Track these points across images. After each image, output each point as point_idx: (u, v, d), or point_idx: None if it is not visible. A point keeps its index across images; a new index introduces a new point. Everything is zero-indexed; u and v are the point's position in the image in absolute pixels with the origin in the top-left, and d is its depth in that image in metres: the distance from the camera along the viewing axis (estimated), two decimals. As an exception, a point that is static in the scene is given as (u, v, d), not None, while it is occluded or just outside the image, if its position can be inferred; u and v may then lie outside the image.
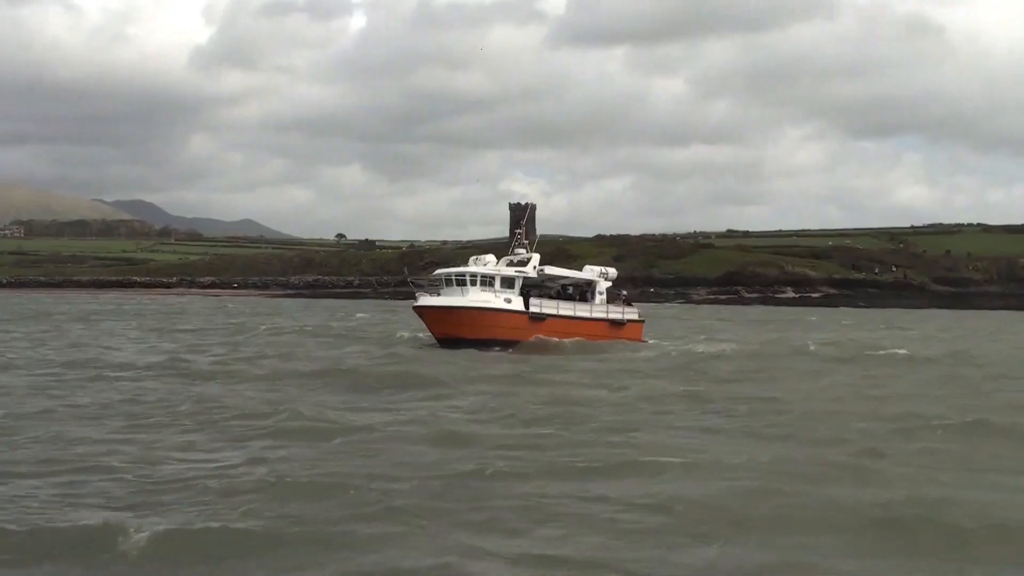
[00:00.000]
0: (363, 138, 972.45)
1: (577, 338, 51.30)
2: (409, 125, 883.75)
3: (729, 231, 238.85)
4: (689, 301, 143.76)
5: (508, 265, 54.45)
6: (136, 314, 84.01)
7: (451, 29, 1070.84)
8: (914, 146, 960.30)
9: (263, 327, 63.21)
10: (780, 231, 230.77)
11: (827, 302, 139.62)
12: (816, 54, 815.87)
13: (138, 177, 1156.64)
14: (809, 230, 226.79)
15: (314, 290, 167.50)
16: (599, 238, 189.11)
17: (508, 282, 52.18)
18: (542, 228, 67.23)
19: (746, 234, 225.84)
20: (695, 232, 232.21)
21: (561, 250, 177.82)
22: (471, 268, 52.77)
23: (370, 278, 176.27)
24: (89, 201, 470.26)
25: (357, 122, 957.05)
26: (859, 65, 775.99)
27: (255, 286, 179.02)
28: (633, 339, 55.03)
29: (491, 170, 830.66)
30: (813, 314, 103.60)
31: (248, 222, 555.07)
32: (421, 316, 51.50)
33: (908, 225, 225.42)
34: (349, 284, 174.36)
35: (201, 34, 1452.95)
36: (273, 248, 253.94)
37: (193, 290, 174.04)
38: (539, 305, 52.62)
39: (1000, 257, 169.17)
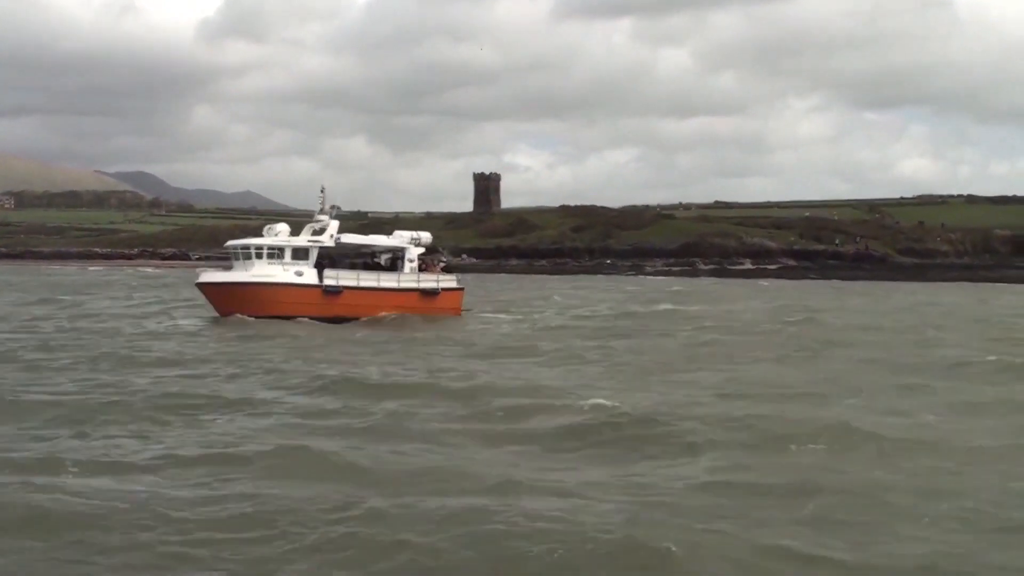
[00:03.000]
0: (368, 110, 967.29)
1: (382, 312, 48.65)
2: (414, 97, 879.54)
3: (717, 202, 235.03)
4: (642, 272, 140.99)
5: (313, 234, 52.13)
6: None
7: (459, 1, 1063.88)
8: (919, 118, 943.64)
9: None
10: (767, 202, 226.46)
11: (782, 273, 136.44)
12: (823, 25, 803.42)
13: (142, 149, 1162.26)
14: (798, 201, 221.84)
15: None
16: (563, 208, 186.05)
17: (301, 253, 49.19)
18: (546, 200, 65.35)
19: (727, 205, 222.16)
20: (679, 204, 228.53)
21: (522, 221, 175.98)
22: (257, 240, 49.97)
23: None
24: (91, 172, 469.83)
25: (362, 94, 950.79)
26: (866, 37, 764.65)
27: (216, 257, 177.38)
28: (448, 309, 52.18)
29: (495, 142, 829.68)
30: (703, 285, 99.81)
31: (249, 194, 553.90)
32: (204, 294, 49.19)
33: (898, 196, 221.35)
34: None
35: (209, 6, 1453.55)
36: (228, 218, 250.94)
37: (154, 262, 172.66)
38: (335, 277, 49.63)
39: (975, 229, 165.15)
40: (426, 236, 55.01)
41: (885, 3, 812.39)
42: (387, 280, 51.18)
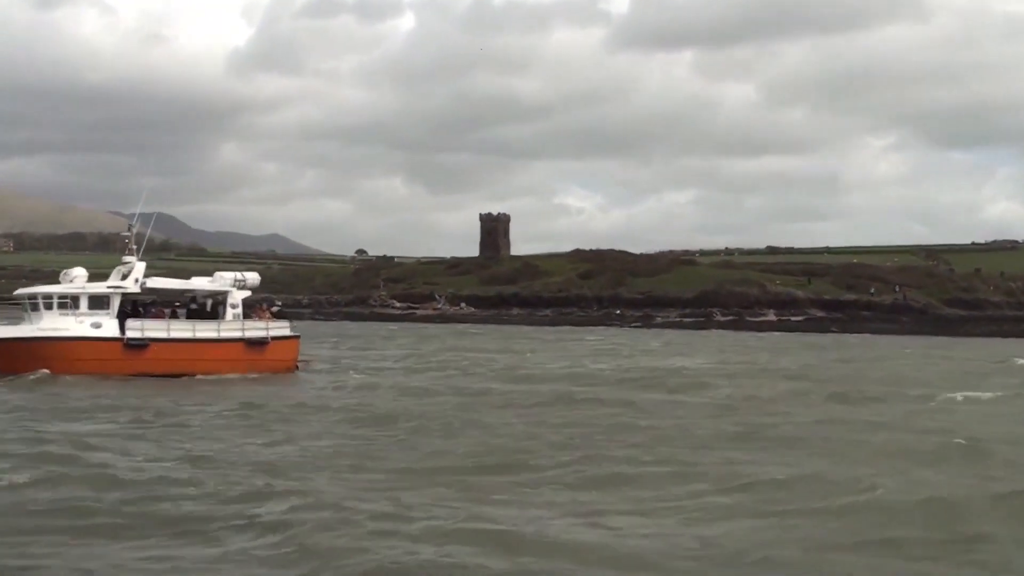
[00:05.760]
0: (406, 147, 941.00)
1: (197, 370, 44.14)
2: (456, 133, 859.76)
3: (769, 247, 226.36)
4: (651, 324, 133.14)
5: (123, 278, 46.52)
6: None
7: (507, 31, 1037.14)
8: (1007, 157, 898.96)
9: None
10: (823, 247, 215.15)
11: (809, 326, 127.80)
12: (902, 57, 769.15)
13: (163, 188, 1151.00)
14: (854, 247, 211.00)
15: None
16: (575, 252, 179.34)
17: (99, 302, 44.71)
18: (596, 243, 59.93)
19: (775, 250, 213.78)
20: (727, 248, 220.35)
21: (529, 266, 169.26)
22: (46, 287, 45.92)
23: (320, 297, 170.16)
24: (106, 214, 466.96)
25: (400, 130, 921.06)
26: (949, 69, 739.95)
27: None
28: (280, 360, 47.52)
29: (544, 182, 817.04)
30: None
31: (275, 236, 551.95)
32: None
33: (969, 242, 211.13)
34: (297, 303, 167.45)
35: (240, 36, 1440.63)
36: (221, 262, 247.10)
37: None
38: (140, 328, 44.73)
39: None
40: (252, 277, 49.92)
41: (968, 32, 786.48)
42: (204, 330, 46.47)
